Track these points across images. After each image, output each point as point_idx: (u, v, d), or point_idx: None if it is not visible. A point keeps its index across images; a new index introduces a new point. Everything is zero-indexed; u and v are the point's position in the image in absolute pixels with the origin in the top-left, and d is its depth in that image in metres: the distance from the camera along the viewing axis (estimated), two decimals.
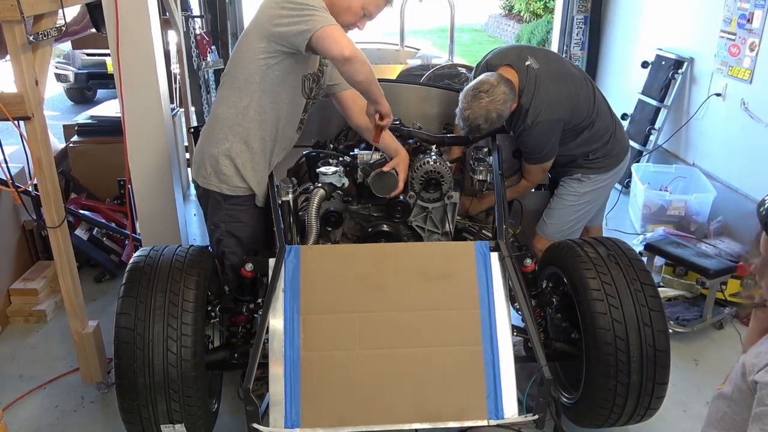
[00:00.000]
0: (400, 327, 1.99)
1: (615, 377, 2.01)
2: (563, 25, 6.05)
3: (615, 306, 2.03)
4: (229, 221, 2.30)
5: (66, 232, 2.42)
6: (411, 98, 3.07)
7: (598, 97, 2.63)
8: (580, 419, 2.25)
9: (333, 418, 1.88)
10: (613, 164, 2.72)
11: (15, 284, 3.21)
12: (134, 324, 1.91)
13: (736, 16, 3.84)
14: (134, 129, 2.88)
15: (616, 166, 2.73)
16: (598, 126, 2.62)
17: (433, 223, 2.53)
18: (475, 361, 1.95)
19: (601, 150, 2.67)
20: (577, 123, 2.57)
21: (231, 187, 2.25)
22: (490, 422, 1.90)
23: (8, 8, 1.97)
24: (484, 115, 2.38)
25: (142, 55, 2.77)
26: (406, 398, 1.92)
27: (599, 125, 2.63)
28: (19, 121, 2.16)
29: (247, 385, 1.82)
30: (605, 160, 2.69)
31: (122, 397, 1.92)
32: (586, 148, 2.66)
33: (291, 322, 1.95)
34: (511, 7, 15.06)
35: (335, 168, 2.34)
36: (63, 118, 6.83)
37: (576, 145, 2.64)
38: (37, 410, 2.56)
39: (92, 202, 3.89)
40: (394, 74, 4.11)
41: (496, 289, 2.04)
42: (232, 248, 2.32)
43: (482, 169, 2.51)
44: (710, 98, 4.14)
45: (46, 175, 2.28)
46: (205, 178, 2.27)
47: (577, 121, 2.57)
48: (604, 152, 2.68)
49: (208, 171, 2.26)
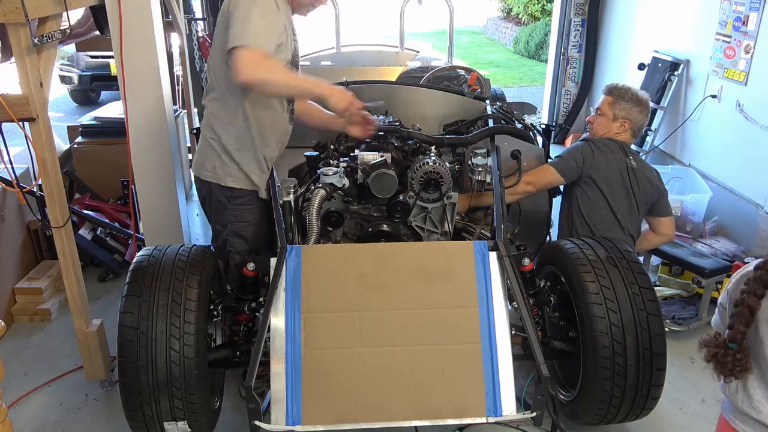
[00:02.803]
0: (399, 325, 2.01)
1: (612, 379, 2.04)
2: (561, 27, 6.09)
3: (613, 310, 2.05)
4: (235, 221, 2.33)
5: (70, 232, 2.44)
6: (410, 100, 3.10)
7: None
8: (577, 417, 2.27)
9: (334, 415, 1.90)
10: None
11: (20, 283, 3.23)
12: (138, 322, 1.93)
13: (731, 18, 3.88)
14: (137, 130, 2.91)
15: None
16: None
17: (432, 222, 2.56)
18: (473, 359, 1.97)
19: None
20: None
21: (234, 179, 2.30)
22: (489, 420, 1.92)
23: (13, 11, 1.99)
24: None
25: (145, 58, 2.80)
26: (405, 396, 1.94)
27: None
28: (24, 123, 2.18)
29: (248, 382, 1.84)
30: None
31: (126, 395, 1.94)
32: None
33: (292, 320, 1.97)
34: (509, 10, 15.10)
35: (336, 168, 2.37)
36: (67, 119, 6.86)
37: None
38: (42, 408, 2.59)
39: (96, 203, 3.92)
40: (393, 76, 4.15)
41: (495, 288, 2.06)
42: (237, 248, 2.35)
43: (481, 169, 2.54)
44: (706, 100, 4.17)
45: (51, 176, 2.30)
46: (210, 172, 2.31)
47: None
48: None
49: (211, 166, 2.30)
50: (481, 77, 3.65)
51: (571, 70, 6.19)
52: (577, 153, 2.78)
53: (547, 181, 2.78)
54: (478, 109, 3.13)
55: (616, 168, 2.74)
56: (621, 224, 2.74)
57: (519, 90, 9.69)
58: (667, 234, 2.88)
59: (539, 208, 2.92)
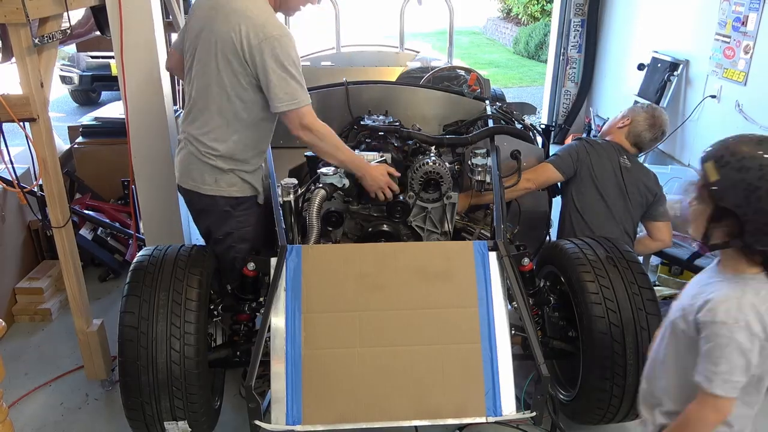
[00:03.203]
0: (399, 325, 2.01)
1: (611, 379, 2.05)
2: (560, 28, 6.09)
3: (613, 310, 2.06)
4: (241, 227, 2.32)
5: (71, 232, 2.45)
6: (410, 100, 3.10)
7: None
8: (577, 416, 2.28)
9: (334, 415, 1.90)
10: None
11: (20, 283, 3.24)
12: (138, 322, 1.93)
13: (730, 19, 3.88)
14: (138, 130, 2.91)
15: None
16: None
17: (432, 222, 2.56)
18: (473, 359, 1.97)
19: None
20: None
21: (239, 188, 2.28)
22: (489, 419, 1.92)
23: (14, 11, 1.99)
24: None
25: (145, 58, 2.80)
26: (405, 395, 1.94)
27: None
28: (24, 123, 2.18)
29: (249, 382, 1.85)
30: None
31: (126, 395, 1.95)
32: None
33: (292, 320, 1.98)
34: (509, 10, 15.11)
35: (336, 168, 2.37)
36: (68, 119, 6.87)
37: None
38: (43, 407, 2.59)
39: (96, 203, 3.92)
40: (393, 76, 4.15)
41: (495, 288, 2.06)
42: (242, 253, 2.32)
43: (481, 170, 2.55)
44: (705, 100, 4.18)
45: (51, 176, 2.30)
46: (211, 186, 2.25)
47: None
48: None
49: (212, 179, 2.25)
50: (480, 77, 3.65)
51: (570, 70, 6.19)
52: (572, 150, 2.85)
53: (545, 178, 2.81)
54: (477, 110, 3.13)
55: (610, 167, 2.79)
56: (616, 219, 2.75)
57: (519, 90, 9.69)
58: (663, 240, 2.91)
59: (539, 208, 2.93)
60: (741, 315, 1.26)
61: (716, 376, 1.28)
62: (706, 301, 1.31)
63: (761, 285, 1.30)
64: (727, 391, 1.28)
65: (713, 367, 1.28)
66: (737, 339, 1.26)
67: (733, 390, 1.28)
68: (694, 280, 1.45)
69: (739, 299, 1.28)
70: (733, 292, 1.29)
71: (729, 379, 1.27)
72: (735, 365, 1.27)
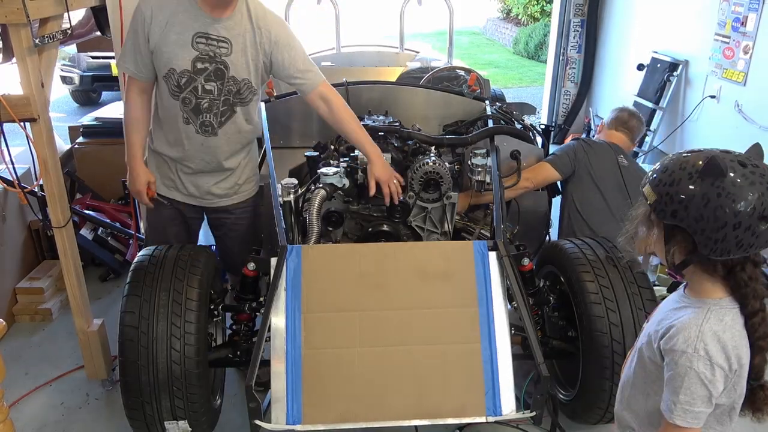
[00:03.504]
0: (399, 325, 2.02)
1: (611, 379, 2.05)
2: (560, 28, 6.10)
3: (612, 309, 2.07)
4: None
5: (71, 232, 2.45)
6: (410, 100, 3.11)
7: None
8: (577, 416, 2.28)
9: (334, 415, 1.90)
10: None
11: (21, 283, 3.24)
12: (138, 322, 1.94)
13: (730, 19, 3.89)
14: None
15: None
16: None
17: (432, 222, 2.57)
18: (473, 359, 1.97)
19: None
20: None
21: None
22: (489, 419, 1.92)
23: (15, 12, 2.00)
24: None
25: None
26: (405, 395, 1.94)
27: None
28: (25, 123, 2.19)
29: (249, 382, 1.85)
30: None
31: (127, 394, 1.95)
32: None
33: (292, 320, 1.98)
34: (508, 11, 15.12)
35: (336, 168, 2.38)
36: (68, 119, 6.86)
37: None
38: (43, 407, 2.59)
39: (97, 203, 3.92)
40: (393, 77, 4.15)
41: (494, 288, 2.06)
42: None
43: (480, 170, 2.55)
44: (705, 100, 4.19)
45: (52, 176, 2.31)
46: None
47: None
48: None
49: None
50: (480, 78, 3.65)
51: (570, 70, 6.20)
52: (570, 150, 2.88)
53: (543, 177, 2.82)
54: (477, 110, 3.14)
55: (609, 166, 2.82)
56: (616, 218, 2.76)
57: (518, 90, 9.70)
58: None
59: (539, 207, 2.93)
60: (700, 344, 1.21)
61: (676, 406, 1.24)
62: (668, 328, 1.28)
63: (725, 311, 1.25)
64: (689, 422, 1.24)
65: (674, 397, 1.24)
66: (696, 369, 1.21)
67: (695, 420, 1.24)
68: (661, 305, 1.42)
69: (700, 326, 1.23)
70: (695, 319, 1.25)
71: (689, 410, 1.23)
72: (696, 395, 1.22)
